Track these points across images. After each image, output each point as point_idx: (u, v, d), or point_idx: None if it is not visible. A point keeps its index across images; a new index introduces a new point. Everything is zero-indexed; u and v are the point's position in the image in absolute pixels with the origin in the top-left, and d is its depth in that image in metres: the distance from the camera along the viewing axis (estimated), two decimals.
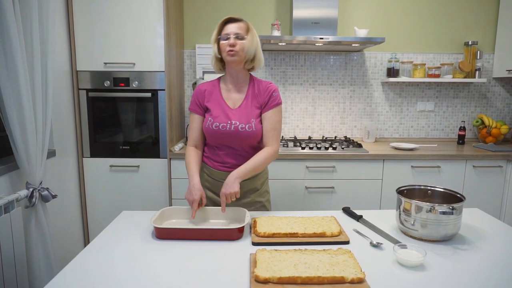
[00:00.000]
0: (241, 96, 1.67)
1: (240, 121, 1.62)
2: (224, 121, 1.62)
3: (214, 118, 1.63)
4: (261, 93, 1.66)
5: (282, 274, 1.01)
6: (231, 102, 1.66)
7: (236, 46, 1.56)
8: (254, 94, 1.66)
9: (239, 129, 1.61)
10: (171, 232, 1.32)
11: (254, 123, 1.62)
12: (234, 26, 1.58)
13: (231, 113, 1.63)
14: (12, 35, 1.62)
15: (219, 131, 1.62)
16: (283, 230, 1.34)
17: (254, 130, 1.62)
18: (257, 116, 1.65)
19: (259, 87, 1.67)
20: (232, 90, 1.68)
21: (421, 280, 1.06)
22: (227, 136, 1.63)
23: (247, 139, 1.64)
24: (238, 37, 1.56)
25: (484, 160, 2.67)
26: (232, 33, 1.56)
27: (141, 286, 1.02)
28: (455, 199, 1.40)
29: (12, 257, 1.68)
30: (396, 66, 3.07)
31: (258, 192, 1.75)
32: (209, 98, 1.68)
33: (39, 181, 1.88)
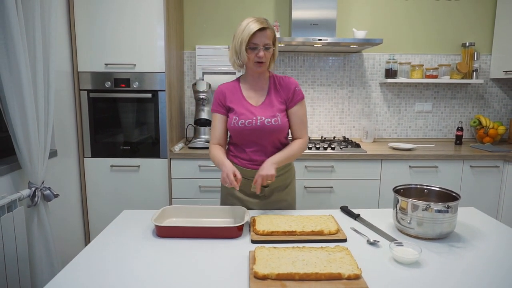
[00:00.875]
0: (263, 94, 1.68)
1: (265, 115, 1.62)
2: (249, 117, 1.62)
3: (238, 116, 1.63)
4: (284, 88, 1.67)
5: (280, 270, 1.04)
6: (253, 101, 1.67)
7: (265, 56, 1.56)
8: (276, 90, 1.67)
9: (265, 123, 1.61)
10: (171, 230, 1.35)
11: (279, 117, 1.63)
12: (263, 35, 1.54)
13: (255, 110, 1.65)
14: (15, 37, 1.65)
15: (245, 128, 1.62)
16: (282, 228, 1.36)
17: (280, 123, 1.63)
18: (281, 111, 1.66)
19: (280, 83, 1.68)
20: (253, 88, 1.69)
21: (416, 276, 1.08)
22: (253, 132, 1.63)
23: (273, 133, 1.64)
24: (266, 47, 1.55)
25: (481, 160, 2.69)
26: (262, 44, 1.54)
27: (143, 283, 1.04)
28: (451, 197, 1.42)
29: (14, 255, 1.70)
30: (394, 67, 3.10)
31: (286, 191, 1.76)
32: (231, 98, 1.68)
33: (41, 180, 1.91)
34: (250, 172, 1.68)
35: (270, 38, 1.56)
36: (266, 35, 1.55)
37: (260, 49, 1.55)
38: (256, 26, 1.52)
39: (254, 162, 1.68)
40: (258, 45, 1.54)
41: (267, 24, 1.55)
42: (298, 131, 1.69)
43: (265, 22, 1.55)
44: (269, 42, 1.56)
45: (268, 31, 1.55)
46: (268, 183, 1.60)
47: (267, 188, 1.70)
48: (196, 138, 2.81)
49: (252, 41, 1.54)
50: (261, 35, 1.53)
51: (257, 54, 1.56)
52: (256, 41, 1.54)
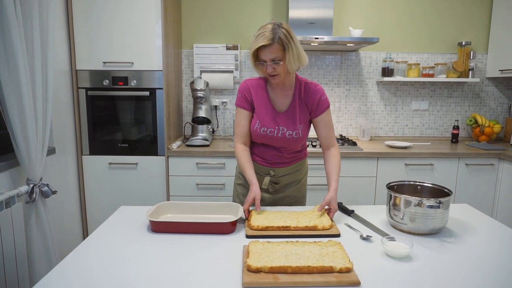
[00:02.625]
0: (288, 100, 1.64)
1: (287, 127, 1.62)
2: (272, 126, 1.62)
3: (261, 122, 1.62)
4: (309, 97, 1.63)
5: (273, 264, 1.06)
6: (277, 106, 1.64)
7: (275, 70, 1.50)
8: (301, 98, 1.63)
9: (286, 135, 1.62)
10: (165, 226, 1.36)
11: (301, 129, 1.63)
12: (267, 52, 1.46)
13: (278, 118, 1.62)
14: (13, 35, 1.67)
15: (267, 135, 1.64)
16: (276, 223, 1.38)
17: (301, 136, 1.64)
18: (304, 121, 1.64)
19: (306, 90, 1.63)
20: (279, 93, 1.64)
21: (407, 270, 1.10)
22: (273, 139, 1.65)
23: (292, 144, 1.67)
24: (275, 62, 1.48)
25: (476, 158, 2.72)
26: (268, 60, 1.48)
27: (137, 277, 1.06)
28: (443, 194, 1.44)
29: (12, 251, 1.72)
30: (391, 66, 3.11)
31: (297, 187, 1.79)
32: (256, 97, 1.64)
33: (39, 177, 1.92)
34: (263, 168, 1.73)
35: (277, 51, 1.46)
36: (272, 50, 1.46)
37: (267, 65, 1.50)
38: (259, 42, 1.45)
39: (267, 161, 1.72)
40: (264, 61, 1.49)
41: (272, 38, 1.43)
42: (327, 139, 1.67)
43: (270, 37, 1.43)
44: (276, 56, 1.47)
45: (275, 46, 1.45)
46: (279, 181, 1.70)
47: (278, 185, 1.74)
48: (194, 136, 2.83)
49: (259, 56, 1.50)
50: (266, 50, 1.46)
51: (265, 70, 1.52)
52: (262, 57, 1.49)
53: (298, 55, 1.49)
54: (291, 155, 1.72)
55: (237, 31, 3.15)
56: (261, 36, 1.45)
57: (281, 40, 1.44)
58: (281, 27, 1.46)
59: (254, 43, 1.47)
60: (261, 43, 1.44)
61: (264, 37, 1.44)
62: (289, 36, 1.46)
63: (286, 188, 1.78)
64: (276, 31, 1.44)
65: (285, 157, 1.71)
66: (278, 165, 1.72)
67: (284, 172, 1.74)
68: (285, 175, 1.74)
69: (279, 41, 1.44)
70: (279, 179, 1.74)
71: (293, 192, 1.78)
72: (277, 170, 1.73)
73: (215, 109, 3.24)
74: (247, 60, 3.18)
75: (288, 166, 1.74)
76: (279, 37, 1.44)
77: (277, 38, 1.44)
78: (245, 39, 3.15)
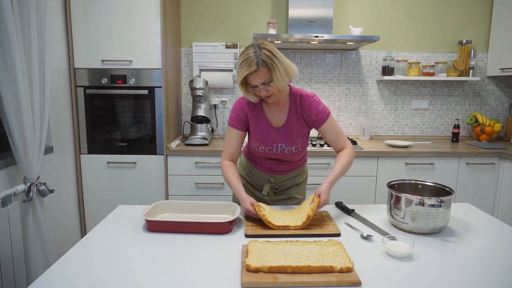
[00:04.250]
0: (284, 115, 1.60)
1: (285, 143, 1.60)
2: (269, 144, 1.60)
3: (258, 141, 1.61)
4: (305, 110, 1.59)
5: (273, 263, 1.04)
6: (274, 121, 1.61)
7: (269, 91, 1.47)
8: (297, 112, 1.60)
9: (285, 151, 1.61)
10: (161, 225, 1.34)
11: (300, 143, 1.61)
12: (255, 77, 1.43)
13: (275, 135, 1.60)
14: (10, 32, 1.65)
15: (266, 153, 1.64)
16: (276, 222, 1.36)
17: (300, 149, 1.63)
18: (303, 134, 1.62)
19: (301, 103, 1.59)
20: (274, 109, 1.61)
21: (408, 270, 1.09)
22: (274, 155, 1.64)
23: (293, 157, 1.66)
24: (265, 83, 1.45)
25: (477, 157, 2.70)
26: (258, 84, 1.45)
27: (135, 277, 1.05)
28: (445, 192, 1.43)
29: (9, 250, 1.70)
30: (391, 65, 3.10)
31: (299, 189, 1.78)
32: (252, 116, 1.61)
33: (37, 176, 1.91)
34: (263, 174, 1.73)
35: (265, 75, 1.42)
36: (259, 75, 1.42)
37: (260, 89, 1.47)
38: (244, 71, 1.42)
39: (268, 168, 1.72)
40: (255, 86, 1.46)
41: (256, 64, 1.40)
42: (337, 144, 1.63)
43: (254, 62, 1.40)
44: (265, 79, 1.43)
45: (261, 70, 1.41)
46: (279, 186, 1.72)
47: (278, 190, 1.75)
48: (193, 135, 2.81)
49: (250, 83, 1.47)
50: (254, 77, 1.43)
51: (259, 93, 1.49)
52: (252, 83, 1.46)
53: (285, 71, 1.46)
54: (292, 164, 1.72)
55: (236, 29, 3.13)
56: (244, 64, 1.41)
57: (265, 62, 1.41)
58: (262, 48, 1.42)
59: (240, 72, 1.44)
60: (247, 72, 1.41)
61: (247, 65, 1.41)
62: (271, 55, 1.42)
63: (287, 191, 1.78)
64: (258, 55, 1.40)
65: (286, 166, 1.71)
66: (279, 172, 1.72)
67: (284, 178, 1.74)
68: (285, 180, 1.74)
69: (263, 64, 1.41)
70: (279, 184, 1.74)
71: (294, 194, 1.78)
72: (277, 177, 1.73)
73: (214, 108, 3.22)
74: None
75: (288, 173, 1.74)
76: (262, 60, 1.40)
77: (261, 61, 1.40)
78: (245, 38, 3.13)
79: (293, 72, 1.50)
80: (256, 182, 1.77)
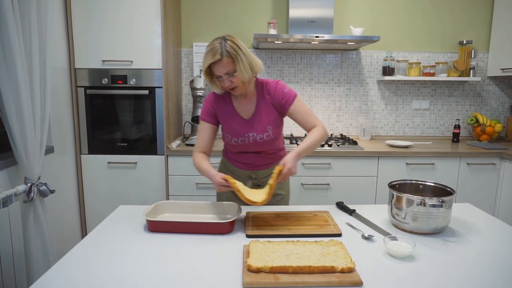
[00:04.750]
0: (253, 106, 1.64)
1: (256, 131, 1.62)
2: (241, 135, 1.63)
3: (230, 133, 1.64)
4: (272, 96, 1.63)
5: (274, 263, 1.04)
6: (244, 113, 1.64)
7: (233, 83, 1.51)
8: (265, 100, 1.63)
9: (257, 139, 1.63)
10: (162, 225, 1.34)
11: (271, 130, 1.63)
12: (219, 67, 1.47)
13: (246, 125, 1.63)
14: (10, 33, 1.65)
15: (239, 145, 1.65)
16: (246, 195, 1.36)
17: (272, 137, 1.64)
18: (274, 121, 1.64)
19: (268, 90, 1.63)
20: (243, 101, 1.65)
21: (410, 270, 1.08)
22: (247, 147, 1.66)
23: (267, 145, 1.67)
24: (229, 74, 1.48)
25: (477, 157, 2.70)
26: (222, 74, 1.49)
27: (136, 277, 1.05)
28: (446, 193, 1.43)
29: (10, 251, 1.70)
30: (392, 65, 3.10)
31: (281, 185, 1.78)
32: (221, 110, 1.65)
33: (37, 176, 1.91)
34: (244, 172, 1.73)
35: (228, 65, 1.46)
36: (223, 65, 1.46)
37: (223, 79, 1.50)
38: (209, 60, 1.46)
39: (248, 164, 1.72)
40: (219, 76, 1.50)
41: (220, 53, 1.44)
42: (308, 123, 1.63)
43: (218, 52, 1.44)
44: (228, 69, 1.47)
45: (224, 60, 1.45)
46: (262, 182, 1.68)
47: (261, 187, 1.73)
48: (193, 135, 2.81)
49: (214, 73, 1.50)
50: (218, 66, 1.47)
51: (223, 84, 1.52)
52: (217, 73, 1.50)
53: (250, 64, 1.49)
54: (270, 156, 1.72)
55: (237, 29, 3.13)
56: (209, 53, 1.46)
57: (228, 53, 1.45)
58: (226, 40, 1.47)
59: (204, 61, 1.48)
60: (211, 60, 1.46)
61: (212, 54, 1.45)
62: (236, 47, 1.46)
63: None
64: (222, 45, 1.45)
65: (264, 159, 1.71)
66: (259, 167, 1.72)
67: (265, 174, 1.73)
68: (265, 176, 1.72)
69: (227, 54, 1.45)
70: (261, 181, 1.73)
71: (277, 190, 1.76)
72: (258, 172, 1.73)
73: None
74: None
75: (269, 167, 1.73)
76: (226, 50, 1.45)
77: (225, 51, 1.45)
78: (245, 38, 3.13)
79: (258, 66, 1.54)
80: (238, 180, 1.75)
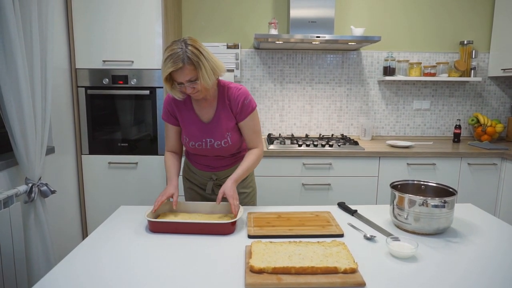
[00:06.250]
0: (213, 110, 1.60)
1: (214, 137, 1.59)
2: (199, 139, 1.60)
3: (188, 136, 1.62)
4: (232, 102, 1.58)
5: (277, 264, 1.04)
6: (204, 116, 1.61)
7: (195, 88, 1.45)
8: (225, 105, 1.59)
9: (214, 146, 1.61)
10: (163, 226, 1.34)
11: (229, 137, 1.60)
12: (180, 74, 1.40)
13: (204, 129, 1.60)
14: (11, 33, 1.64)
15: (196, 148, 1.64)
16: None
17: (230, 144, 1.62)
18: (232, 128, 1.61)
19: (229, 96, 1.58)
20: (203, 105, 1.60)
21: (412, 270, 1.08)
22: (204, 151, 1.65)
23: (225, 151, 1.66)
24: (191, 81, 1.42)
25: (479, 157, 2.70)
26: (184, 81, 1.42)
27: (139, 278, 1.04)
28: (448, 193, 1.42)
29: (11, 251, 1.70)
30: (392, 65, 3.09)
31: (242, 183, 1.77)
32: (181, 110, 1.61)
33: (38, 176, 1.90)
34: (205, 173, 1.73)
35: (190, 72, 1.40)
36: (184, 72, 1.39)
37: (185, 86, 1.44)
38: (169, 68, 1.38)
39: (210, 166, 1.72)
40: (182, 83, 1.43)
41: (182, 60, 1.37)
42: (251, 142, 1.65)
43: (180, 59, 1.37)
44: (190, 77, 1.41)
45: (186, 68, 1.38)
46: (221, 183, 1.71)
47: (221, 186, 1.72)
48: None
49: (175, 79, 1.43)
50: (179, 73, 1.40)
51: (185, 91, 1.46)
52: (178, 80, 1.43)
53: (212, 69, 1.44)
54: (230, 158, 1.71)
55: (237, 30, 3.13)
56: (169, 60, 1.37)
57: (190, 60, 1.38)
58: (188, 45, 1.39)
59: (164, 69, 1.40)
60: (171, 68, 1.38)
61: (173, 61, 1.37)
62: (198, 53, 1.39)
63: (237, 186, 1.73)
64: (184, 51, 1.37)
65: (224, 161, 1.70)
66: (219, 168, 1.72)
67: (226, 175, 1.71)
68: (226, 177, 1.68)
69: (189, 61, 1.38)
70: (222, 181, 1.73)
71: (241, 188, 1.75)
72: (218, 173, 1.72)
73: None
74: (247, 59, 3.16)
75: (229, 168, 1.72)
76: (188, 57, 1.37)
77: (186, 59, 1.37)
78: (246, 38, 3.13)
79: (220, 69, 1.49)
80: (200, 181, 1.77)
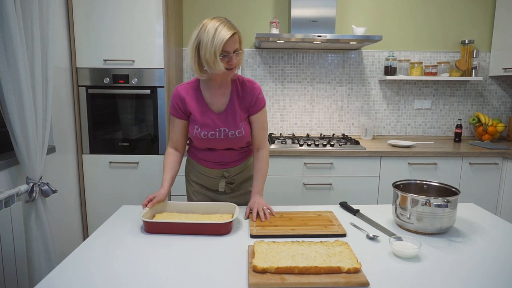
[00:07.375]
0: (226, 100, 1.57)
1: (228, 127, 1.57)
2: (212, 129, 1.57)
3: (201, 127, 1.57)
4: (246, 95, 1.58)
5: (280, 264, 1.03)
6: (215, 107, 1.58)
7: (237, 60, 1.47)
8: (239, 96, 1.58)
9: (229, 135, 1.58)
10: (158, 226, 1.32)
11: (242, 127, 1.58)
12: (234, 41, 1.42)
13: (217, 119, 1.57)
14: (13, 32, 1.64)
15: (209, 139, 1.59)
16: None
17: (244, 134, 1.60)
18: (244, 119, 1.60)
19: (243, 88, 1.59)
20: (216, 93, 1.57)
21: (416, 270, 1.08)
22: (217, 142, 1.61)
23: (238, 142, 1.63)
24: (236, 52, 1.45)
25: (480, 157, 2.69)
26: (232, 50, 1.43)
27: (141, 278, 1.04)
28: (450, 193, 1.42)
29: (12, 251, 1.70)
30: (394, 65, 3.09)
31: (247, 183, 1.76)
32: (191, 103, 1.57)
33: (39, 176, 1.90)
34: (216, 172, 1.69)
35: (237, 42, 1.44)
36: (236, 40, 1.43)
37: (231, 56, 1.43)
38: (227, 33, 1.38)
39: (219, 163, 1.68)
40: (230, 52, 1.42)
41: (234, 27, 1.43)
42: (259, 139, 1.64)
43: (232, 26, 1.43)
44: (236, 47, 1.44)
45: (237, 35, 1.44)
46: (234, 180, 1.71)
47: (233, 184, 1.72)
48: None
49: (224, 49, 1.41)
50: (232, 41, 1.41)
51: (229, 62, 1.44)
52: (228, 49, 1.41)
53: None
54: (241, 151, 1.69)
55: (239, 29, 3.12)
56: (223, 27, 1.39)
57: (238, 31, 1.45)
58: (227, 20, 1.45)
59: (221, 35, 1.37)
60: (230, 33, 1.39)
61: (227, 27, 1.40)
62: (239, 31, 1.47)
63: (241, 186, 1.75)
64: (229, 21, 1.44)
65: (235, 155, 1.68)
66: (230, 164, 1.69)
67: (238, 171, 1.71)
68: (238, 173, 1.71)
69: (238, 32, 1.45)
70: (233, 178, 1.71)
71: (250, 187, 1.74)
72: (230, 170, 1.70)
73: None
74: (248, 58, 3.16)
75: (240, 163, 1.71)
76: (234, 27, 1.44)
77: (234, 27, 1.44)
78: (247, 38, 3.13)
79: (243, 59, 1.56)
80: (210, 182, 1.72)
